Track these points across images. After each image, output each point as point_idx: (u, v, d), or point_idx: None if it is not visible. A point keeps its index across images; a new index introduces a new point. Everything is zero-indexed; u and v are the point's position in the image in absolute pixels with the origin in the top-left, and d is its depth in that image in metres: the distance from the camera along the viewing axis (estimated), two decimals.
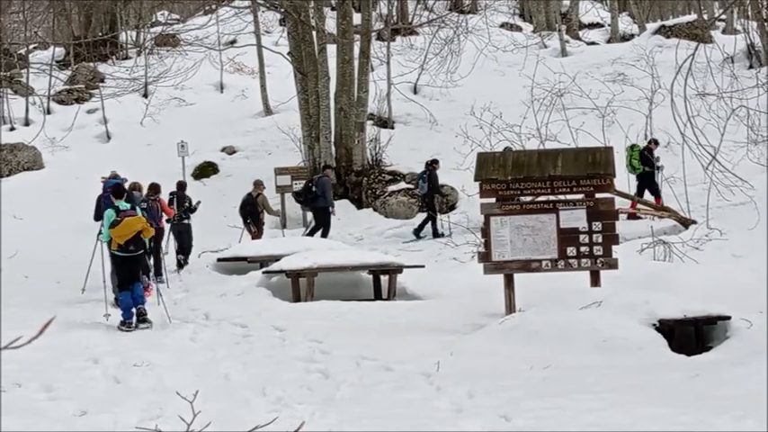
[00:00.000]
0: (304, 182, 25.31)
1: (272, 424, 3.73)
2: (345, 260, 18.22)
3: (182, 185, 22.57)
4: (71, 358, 11.99)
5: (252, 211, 23.42)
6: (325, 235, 23.47)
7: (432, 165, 25.32)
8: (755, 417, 7.99)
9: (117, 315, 14.82)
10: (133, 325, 14.63)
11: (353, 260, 18.31)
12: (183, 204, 21.74)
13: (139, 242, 15.09)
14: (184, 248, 21.51)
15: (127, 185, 17.98)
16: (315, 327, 14.11)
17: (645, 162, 23.50)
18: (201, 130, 31.61)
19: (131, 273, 15.09)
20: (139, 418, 8.74)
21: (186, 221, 21.63)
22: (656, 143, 24.07)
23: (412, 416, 8.76)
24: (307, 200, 24.27)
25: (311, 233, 23.91)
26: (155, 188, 20.42)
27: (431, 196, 24.96)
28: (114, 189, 15.77)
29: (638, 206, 23.44)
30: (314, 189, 24.04)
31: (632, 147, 23.33)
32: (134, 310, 14.80)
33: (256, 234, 23.25)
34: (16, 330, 12.40)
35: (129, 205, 15.30)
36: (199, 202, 22.22)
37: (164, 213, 20.36)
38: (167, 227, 21.00)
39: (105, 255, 16.17)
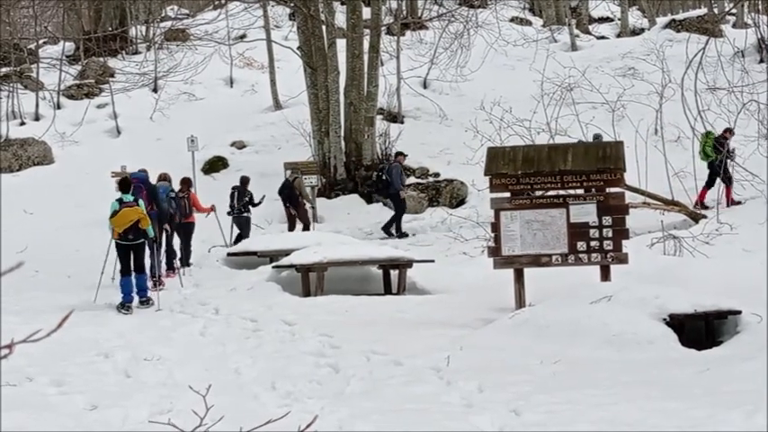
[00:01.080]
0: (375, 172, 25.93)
1: (283, 418, 3.74)
2: (355, 255, 18.23)
3: (244, 181, 23.89)
4: (81, 353, 12.02)
5: (290, 195, 24.36)
6: (399, 219, 24.10)
7: (396, 157, 25.32)
8: (766, 411, 7.97)
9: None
10: (132, 308, 15.82)
11: (363, 255, 18.31)
12: (242, 198, 23.27)
13: (138, 231, 16.25)
14: (242, 237, 22.85)
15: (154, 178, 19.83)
16: (325, 321, 14.12)
17: (717, 151, 23.10)
18: (211, 125, 31.61)
19: (133, 260, 16.26)
20: (150, 413, 8.76)
21: (246, 214, 23.30)
22: (732, 133, 23.78)
23: (422, 410, 8.75)
24: (379, 189, 24.44)
25: (390, 223, 24.43)
26: (187, 182, 21.74)
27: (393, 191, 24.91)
28: (120, 182, 17.17)
29: (648, 200, 23.38)
30: (384, 177, 24.21)
31: (707, 134, 22.84)
32: (135, 295, 16.07)
33: (297, 215, 24.21)
34: (30, 325, 12.46)
35: (132, 198, 16.48)
36: (263, 197, 24.00)
37: (194, 208, 21.40)
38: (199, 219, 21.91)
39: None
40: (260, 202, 23.81)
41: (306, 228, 24.16)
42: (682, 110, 19.02)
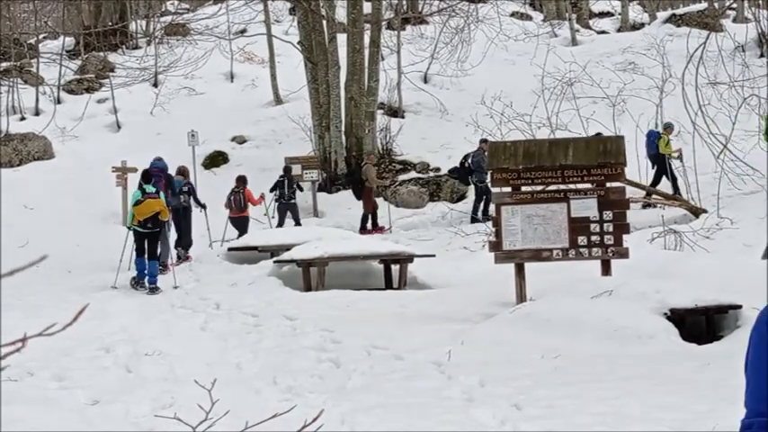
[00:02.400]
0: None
1: (287, 413, 3.75)
2: (356, 249, 18.23)
3: (288, 169, 25.15)
4: (83, 347, 12.03)
5: (356, 179, 25.45)
6: (486, 206, 23.88)
7: (480, 144, 25.12)
8: None
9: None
10: (144, 288, 17.48)
11: (364, 249, 18.31)
12: (292, 186, 24.52)
13: (157, 222, 17.88)
14: (296, 220, 24.43)
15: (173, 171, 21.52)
16: (326, 316, 14.13)
17: None
18: (211, 120, 31.59)
19: (148, 246, 17.77)
20: (151, 407, 8.77)
21: (293, 201, 24.48)
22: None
23: (423, 405, 8.76)
24: (461, 176, 24.45)
25: (475, 211, 24.36)
26: (242, 180, 23.22)
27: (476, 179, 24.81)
28: (143, 173, 18.71)
29: (650, 197, 23.39)
30: (467, 165, 24.22)
31: None
32: (146, 282, 17.54)
33: (362, 201, 25.11)
34: (31, 320, 12.48)
35: (154, 189, 18.11)
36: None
37: (249, 203, 22.84)
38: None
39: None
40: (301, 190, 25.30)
41: (373, 215, 25.02)
42: (682, 104, 19.05)
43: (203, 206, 21.91)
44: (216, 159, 30.39)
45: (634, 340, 11.58)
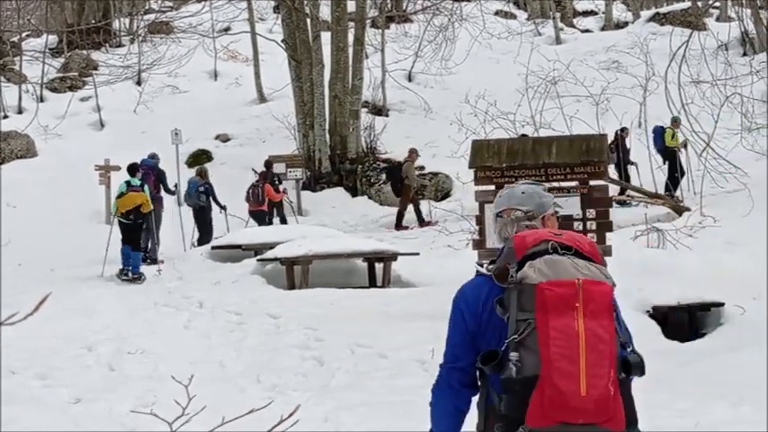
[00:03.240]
0: None
1: (266, 410, 3.73)
2: (340, 248, 18.21)
3: (269, 164, 24.94)
4: (66, 346, 12.01)
5: (396, 177, 25.60)
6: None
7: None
8: (750, 403, 8.02)
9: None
10: (129, 273, 18.20)
11: (348, 248, 18.29)
12: (274, 182, 24.26)
13: (138, 214, 18.62)
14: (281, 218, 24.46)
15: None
16: (309, 314, 14.10)
17: None
18: (195, 118, 31.54)
19: (131, 237, 18.57)
20: (134, 405, 8.74)
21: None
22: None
23: (407, 403, 8.76)
24: None
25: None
26: (264, 175, 23.95)
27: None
28: (129, 167, 19.46)
29: (632, 194, 23.45)
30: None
31: None
32: (130, 274, 18.20)
33: (401, 198, 25.21)
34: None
35: (139, 182, 18.86)
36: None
37: (268, 197, 23.29)
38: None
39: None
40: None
41: (417, 212, 25.01)
42: (665, 103, 19.09)
43: (223, 207, 22.41)
44: (199, 158, 30.33)
45: None
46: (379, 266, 18.12)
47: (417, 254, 18.87)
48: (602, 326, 3.57)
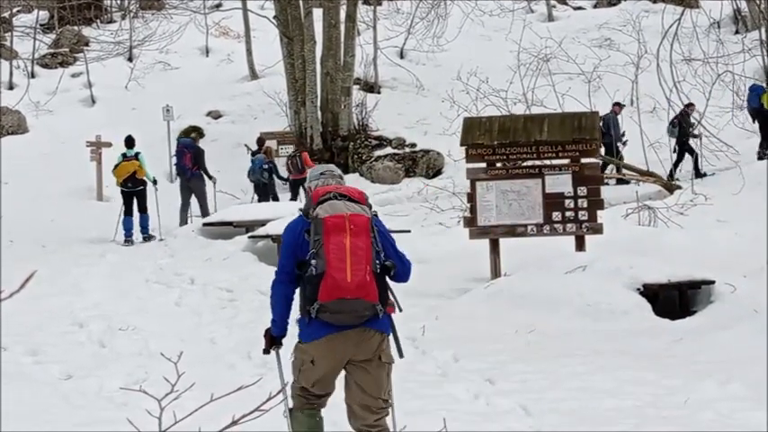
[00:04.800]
0: None
1: (256, 386, 3.74)
2: None
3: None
4: (57, 323, 12.02)
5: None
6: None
7: (613, 107, 24.69)
8: (739, 380, 8.05)
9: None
10: (133, 241, 19.83)
11: None
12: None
13: (136, 180, 20.21)
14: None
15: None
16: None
17: None
18: (187, 95, 31.46)
19: (136, 203, 20.23)
20: (125, 382, 8.76)
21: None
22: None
23: (397, 380, 8.76)
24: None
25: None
26: (303, 144, 25.84)
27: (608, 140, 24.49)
28: (125, 139, 21.15)
29: (624, 170, 23.46)
30: (601, 127, 24.00)
31: None
32: (140, 235, 20.14)
33: None
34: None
35: (133, 152, 20.57)
36: None
37: (306, 165, 23.92)
38: None
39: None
40: None
41: None
42: (657, 81, 19.07)
43: (286, 180, 24.42)
44: (191, 134, 30.21)
45: (607, 315, 11.65)
46: None
47: (409, 231, 18.85)
48: (361, 241, 5.54)
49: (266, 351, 6.18)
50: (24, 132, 30.67)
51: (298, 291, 5.81)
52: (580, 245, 14.73)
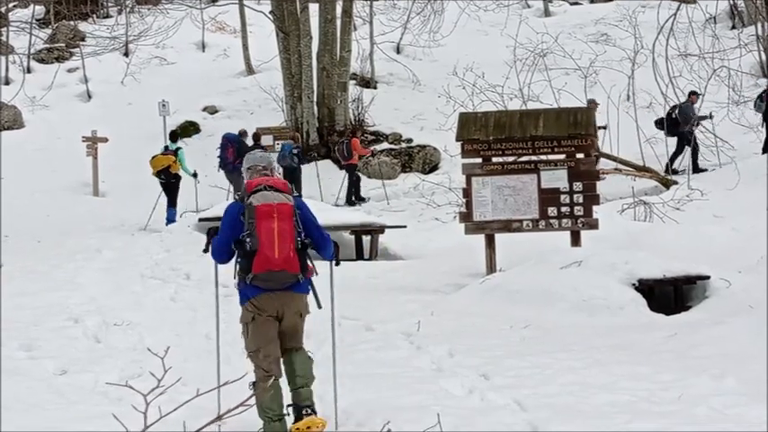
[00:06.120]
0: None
1: (246, 381, 3.76)
2: (327, 220, 18.04)
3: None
4: (52, 318, 11.99)
5: None
6: (695, 157, 23.33)
7: (689, 96, 24.39)
8: (734, 375, 8.05)
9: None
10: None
11: (335, 220, 18.25)
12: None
13: (169, 174, 21.44)
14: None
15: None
16: None
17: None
18: (183, 90, 31.45)
19: (166, 194, 21.53)
20: (119, 377, 8.76)
21: None
22: None
23: (392, 375, 8.80)
24: (668, 127, 24.06)
25: (673, 160, 23.83)
26: (352, 133, 26.29)
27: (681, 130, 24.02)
28: (170, 133, 23.37)
29: (620, 166, 23.44)
30: (674, 116, 23.93)
31: None
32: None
33: None
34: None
35: (175, 146, 22.00)
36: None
37: (354, 152, 25.35)
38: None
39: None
40: None
41: None
42: (653, 76, 19.08)
43: (310, 159, 25.88)
44: (187, 129, 30.25)
45: (603, 311, 11.65)
46: (366, 239, 18.15)
47: (405, 227, 18.90)
48: (286, 225, 6.86)
49: (205, 250, 7.73)
50: (20, 127, 30.66)
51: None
52: (576, 240, 14.74)
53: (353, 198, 25.16)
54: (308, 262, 7.16)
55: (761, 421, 6.80)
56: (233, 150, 23.28)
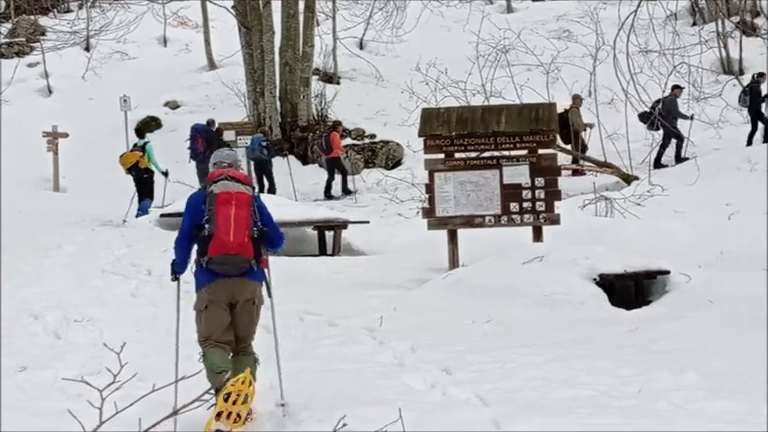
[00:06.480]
0: None
1: (202, 374, 3.75)
2: (290, 216, 18.13)
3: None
4: (12, 314, 11.89)
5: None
6: (679, 148, 23.49)
7: (673, 90, 24.40)
8: (694, 370, 8.11)
9: None
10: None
11: (298, 216, 18.25)
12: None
13: (138, 170, 21.49)
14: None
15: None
16: None
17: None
18: (144, 85, 31.29)
19: (137, 190, 21.61)
20: (79, 373, 8.68)
21: None
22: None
23: (355, 370, 8.79)
24: (652, 121, 24.00)
25: (660, 154, 23.79)
26: (331, 127, 26.17)
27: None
28: (135, 128, 23.91)
29: (582, 162, 23.54)
30: (658, 109, 23.90)
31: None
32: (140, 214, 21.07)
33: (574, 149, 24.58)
34: None
35: (143, 141, 21.90)
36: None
37: (332, 146, 25.15)
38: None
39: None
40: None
41: (575, 160, 24.47)
42: (614, 72, 19.15)
43: (279, 152, 25.96)
44: (149, 125, 30.05)
45: (564, 306, 11.70)
46: (329, 234, 18.12)
47: (368, 222, 18.91)
48: (243, 212, 7.26)
49: (173, 279, 8.12)
50: None
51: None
52: (537, 235, 14.79)
53: (341, 191, 25.12)
54: (263, 252, 7.49)
55: (721, 416, 6.85)
56: (202, 140, 23.82)
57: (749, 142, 22.94)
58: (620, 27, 15.24)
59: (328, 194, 24.90)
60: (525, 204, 14.73)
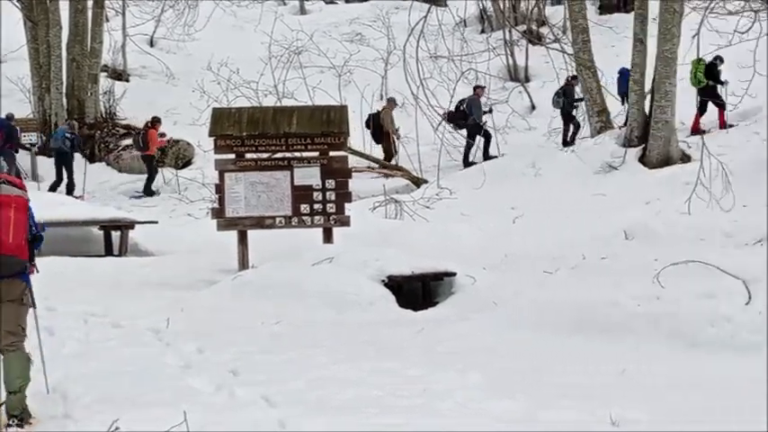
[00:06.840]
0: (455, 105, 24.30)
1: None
2: (74, 215, 17.68)
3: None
4: None
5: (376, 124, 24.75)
6: (486, 145, 23.90)
7: (475, 90, 24.64)
8: (478, 370, 8.29)
9: None
10: None
11: (83, 215, 17.80)
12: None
13: None
14: None
15: None
16: (39, 283, 13.62)
17: (709, 76, 22.94)
18: None
19: None
20: None
21: None
22: (722, 60, 23.70)
23: (139, 372, 8.62)
24: (457, 119, 23.57)
25: (467, 153, 23.81)
26: (148, 124, 24.90)
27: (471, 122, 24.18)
28: None
29: (372, 165, 23.79)
30: (462, 108, 23.41)
31: (699, 60, 22.71)
32: None
33: (383, 148, 24.75)
34: None
35: None
36: None
37: (150, 143, 24.47)
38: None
39: None
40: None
41: (388, 159, 24.49)
42: (404, 76, 19.45)
43: (83, 149, 25.50)
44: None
45: (353, 307, 11.79)
46: (115, 235, 17.74)
47: (156, 222, 18.60)
48: (20, 215, 7.31)
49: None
50: None
51: None
52: (328, 237, 14.86)
53: (143, 190, 24.56)
54: (35, 255, 7.69)
55: (503, 415, 7.01)
56: (2, 134, 23.71)
57: (565, 143, 23.67)
58: (410, 32, 15.48)
59: (149, 191, 24.37)
60: (316, 206, 14.78)
